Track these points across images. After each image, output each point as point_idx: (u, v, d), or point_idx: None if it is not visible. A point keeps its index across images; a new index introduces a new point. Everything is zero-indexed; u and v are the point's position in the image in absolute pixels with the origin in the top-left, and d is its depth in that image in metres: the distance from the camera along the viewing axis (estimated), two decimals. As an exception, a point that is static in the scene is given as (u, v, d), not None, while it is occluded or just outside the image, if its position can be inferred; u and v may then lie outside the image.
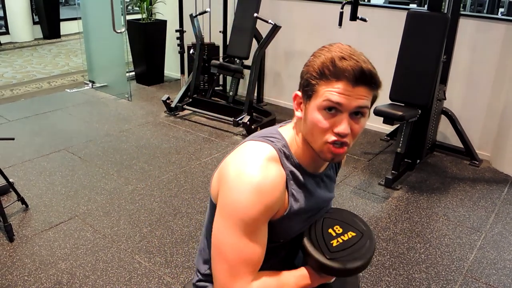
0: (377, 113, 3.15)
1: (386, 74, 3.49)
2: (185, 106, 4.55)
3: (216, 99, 4.85)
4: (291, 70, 4.74)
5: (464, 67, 3.68)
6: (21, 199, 2.79)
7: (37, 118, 4.35)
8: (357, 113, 1.03)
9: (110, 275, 2.28)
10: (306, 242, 1.13)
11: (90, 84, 5.44)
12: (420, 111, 3.21)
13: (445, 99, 3.57)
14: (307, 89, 1.05)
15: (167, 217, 2.78)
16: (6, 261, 2.35)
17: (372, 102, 1.06)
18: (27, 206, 2.83)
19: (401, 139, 3.24)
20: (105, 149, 3.70)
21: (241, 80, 4.66)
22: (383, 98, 3.31)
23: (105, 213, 2.81)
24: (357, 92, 1.00)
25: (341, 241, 1.12)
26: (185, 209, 2.88)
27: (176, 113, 4.56)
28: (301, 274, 1.14)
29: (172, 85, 5.58)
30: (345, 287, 1.25)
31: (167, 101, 4.50)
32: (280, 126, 1.19)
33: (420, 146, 3.49)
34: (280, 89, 4.88)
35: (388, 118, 3.12)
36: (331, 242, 1.11)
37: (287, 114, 4.62)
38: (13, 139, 2.97)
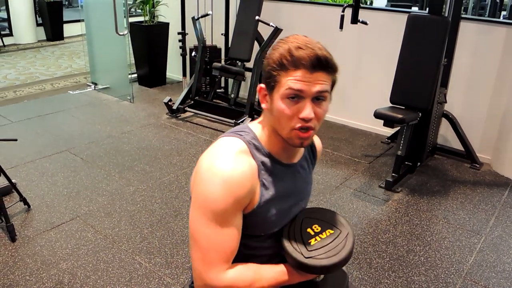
0: (378, 115, 3.16)
1: (386, 77, 3.53)
2: (187, 108, 4.57)
3: (218, 101, 4.87)
4: (293, 73, 4.75)
5: (465, 70, 3.69)
6: (23, 200, 2.81)
7: (40, 120, 4.38)
8: (319, 98, 1.09)
9: (111, 275, 2.29)
10: (284, 242, 1.16)
11: (93, 86, 5.47)
12: (420, 114, 3.23)
13: (445, 102, 3.58)
14: (270, 81, 1.10)
15: (167, 218, 2.80)
16: (8, 261, 2.37)
17: (332, 86, 1.12)
18: (29, 206, 2.85)
19: (402, 142, 3.25)
20: (107, 151, 3.73)
21: (242, 83, 4.68)
22: (384, 101, 3.33)
23: (106, 214, 2.83)
24: (316, 77, 1.06)
25: (319, 239, 1.14)
26: (185, 210, 2.89)
27: (178, 115, 4.59)
28: (282, 269, 1.17)
29: (174, 87, 5.61)
30: (332, 283, 1.25)
31: (169, 103, 4.53)
32: (250, 122, 1.25)
33: (421, 149, 3.50)
34: (282, 92, 4.89)
35: (388, 121, 3.12)
36: (309, 241, 1.14)
37: (288, 117, 4.63)
38: (15, 140, 2.99)
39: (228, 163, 1.08)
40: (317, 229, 1.17)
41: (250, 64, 4.38)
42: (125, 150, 3.75)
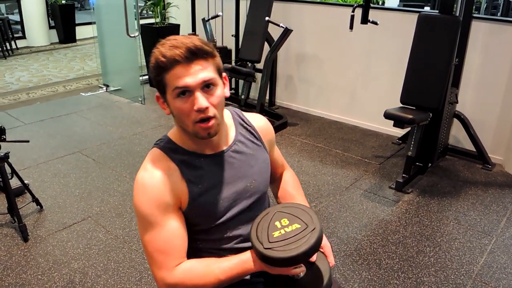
0: (388, 116, 3.15)
1: (397, 77, 3.51)
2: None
3: (228, 102, 4.88)
4: (303, 74, 4.76)
5: (476, 70, 3.65)
6: (35, 200, 2.85)
7: (52, 121, 4.44)
8: (208, 86, 1.11)
9: (121, 275, 2.32)
10: (251, 232, 1.18)
11: (104, 88, 5.53)
12: (431, 114, 3.20)
13: (457, 102, 3.55)
14: (158, 86, 1.15)
15: (178, 219, 2.81)
16: (21, 261, 2.41)
17: (218, 70, 1.15)
18: (41, 207, 2.89)
19: (412, 142, 3.23)
20: (118, 152, 3.76)
21: (253, 83, 4.69)
22: (395, 101, 3.31)
23: (117, 214, 2.86)
24: (195, 68, 1.09)
25: (283, 232, 1.15)
26: (195, 211, 2.91)
27: (188, 116, 4.60)
28: (244, 258, 1.18)
29: (185, 89, 5.63)
30: (312, 281, 1.24)
31: (180, 104, 4.54)
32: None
33: (432, 149, 3.47)
34: (292, 93, 4.90)
35: (398, 122, 3.10)
36: (273, 233, 1.15)
37: (299, 117, 4.64)
38: (28, 141, 3.03)
39: (145, 172, 1.18)
40: (285, 222, 1.18)
41: (260, 65, 4.39)
42: (136, 151, 3.78)
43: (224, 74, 1.20)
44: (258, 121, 1.38)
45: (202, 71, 1.09)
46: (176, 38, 1.11)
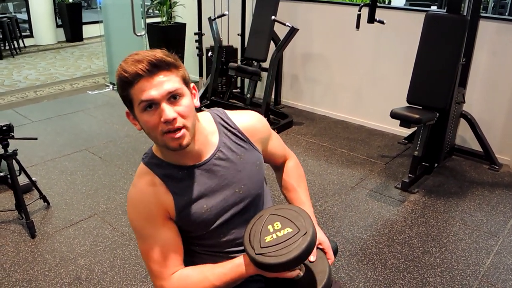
0: (394, 115, 3.14)
1: (403, 77, 3.50)
2: (203, 108, 4.60)
3: (234, 101, 4.89)
4: (309, 73, 4.76)
5: (484, 70, 3.63)
6: (43, 197, 2.87)
7: (60, 119, 4.46)
8: (175, 97, 1.10)
9: (127, 272, 2.33)
10: (244, 235, 1.19)
11: (111, 86, 5.55)
12: (438, 114, 3.19)
13: (464, 102, 3.54)
14: (125, 102, 1.14)
15: (183, 217, 2.82)
16: (28, 257, 2.43)
17: (184, 81, 1.14)
18: (48, 204, 2.91)
19: (418, 142, 3.22)
20: (124, 150, 3.78)
21: (258, 82, 4.69)
22: (401, 101, 3.30)
23: (123, 211, 2.87)
24: (158, 80, 1.07)
25: (275, 237, 1.14)
26: (201, 209, 2.91)
27: (194, 115, 4.61)
28: (237, 262, 1.18)
29: (191, 87, 5.64)
30: (312, 280, 1.24)
31: (186, 103, 4.55)
32: None
33: (438, 149, 3.46)
34: (298, 92, 4.90)
35: (404, 121, 3.10)
36: (265, 237, 1.15)
37: (304, 117, 4.63)
38: (36, 139, 3.06)
39: (133, 189, 1.22)
40: (277, 226, 1.17)
41: (266, 64, 4.39)
42: (143, 149, 3.80)
43: (192, 85, 1.18)
44: (244, 121, 1.33)
45: (166, 83, 1.08)
46: (138, 53, 1.10)
